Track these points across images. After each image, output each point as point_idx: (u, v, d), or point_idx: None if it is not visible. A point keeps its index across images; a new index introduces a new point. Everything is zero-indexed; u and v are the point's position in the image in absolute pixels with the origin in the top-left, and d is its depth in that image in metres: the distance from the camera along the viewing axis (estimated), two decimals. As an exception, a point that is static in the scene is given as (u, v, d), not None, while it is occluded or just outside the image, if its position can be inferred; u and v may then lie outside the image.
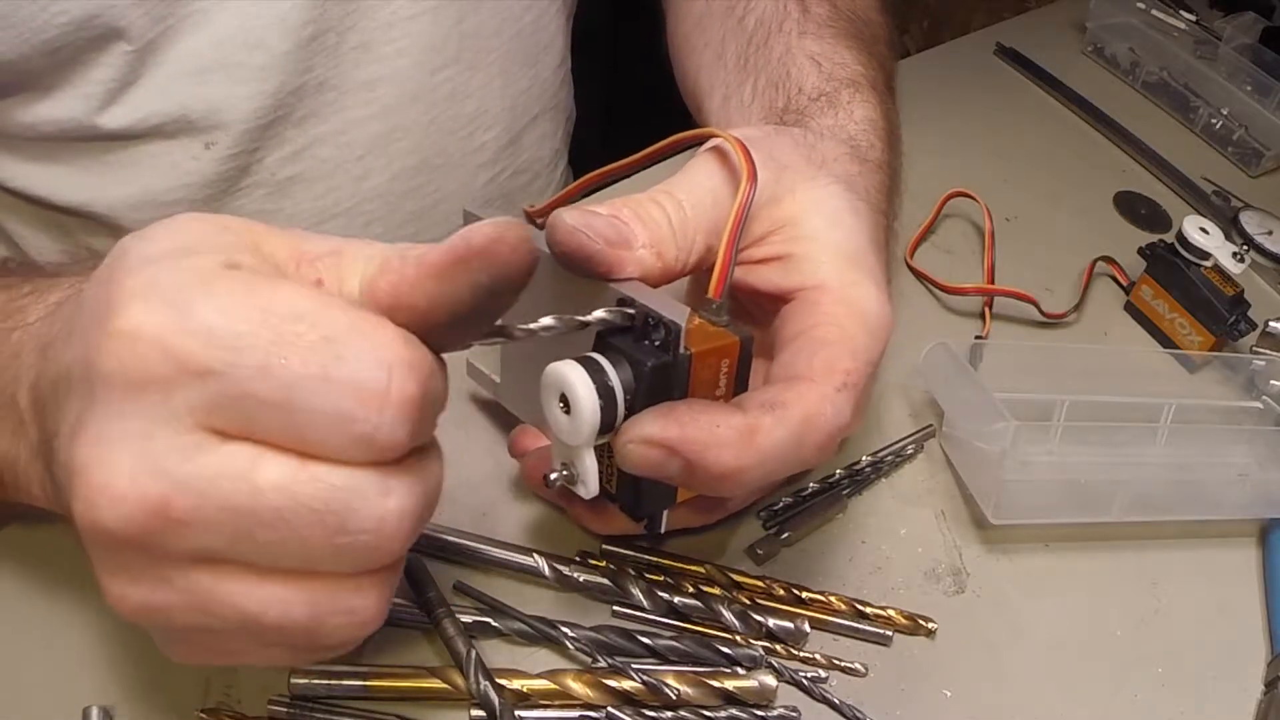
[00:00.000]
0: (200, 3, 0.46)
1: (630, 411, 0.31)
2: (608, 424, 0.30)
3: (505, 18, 0.57)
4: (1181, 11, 0.79)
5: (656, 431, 0.30)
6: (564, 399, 0.30)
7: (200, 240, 0.25)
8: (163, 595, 0.25)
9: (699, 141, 0.37)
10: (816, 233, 0.36)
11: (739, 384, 0.33)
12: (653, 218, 0.34)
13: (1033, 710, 0.39)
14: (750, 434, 0.31)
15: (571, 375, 0.30)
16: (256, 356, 0.23)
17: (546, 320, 0.29)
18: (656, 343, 0.31)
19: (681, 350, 0.31)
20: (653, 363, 0.30)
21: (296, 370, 0.23)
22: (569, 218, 0.32)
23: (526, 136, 0.62)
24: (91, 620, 0.36)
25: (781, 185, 0.37)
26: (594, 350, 0.31)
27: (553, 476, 0.32)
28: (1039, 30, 0.83)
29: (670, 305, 0.31)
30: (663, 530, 0.36)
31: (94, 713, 0.33)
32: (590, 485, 0.32)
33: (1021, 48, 0.79)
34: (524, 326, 0.29)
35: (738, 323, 0.33)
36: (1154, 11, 0.78)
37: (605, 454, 0.32)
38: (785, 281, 0.36)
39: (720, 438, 0.30)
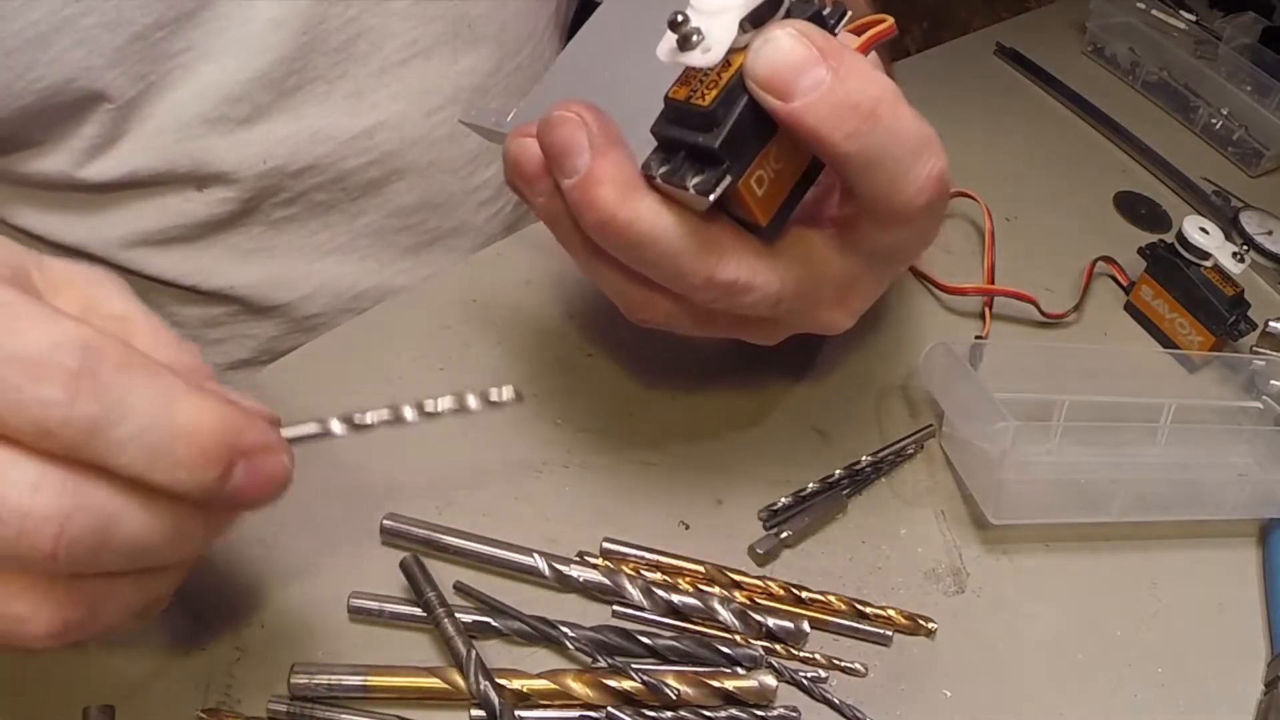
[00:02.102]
0: (180, 58, 0.45)
1: None
2: (766, 10, 0.29)
3: (502, 54, 0.56)
4: (1181, 11, 0.79)
5: (816, 33, 0.29)
6: None
7: None
8: None
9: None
10: None
11: None
12: None
13: (1033, 710, 0.39)
14: (896, 95, 0.30)
15: None
16: None
17: None
18: (823, 9, 0.31)
19: (838, 29, 0.31)
20: (822, 10, 0.30)
21: None
22: None
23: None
24: (91, 620, 0.36)
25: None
26: None
27: (668, 42, 0.29)
28: (1039, 30, 0.83)
29: None
30: (715, 195, 0.30)
31: (94, 713, 0.33)
32: (716, 50, 0.29)
33: (1021, 48, 0.79)
34: None
35: None
36: (1154, 11, 0.78)
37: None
38: None
39: (870, 74, 0.30)
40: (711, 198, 0.30)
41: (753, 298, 0.34)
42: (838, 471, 0.45)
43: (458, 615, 0.36)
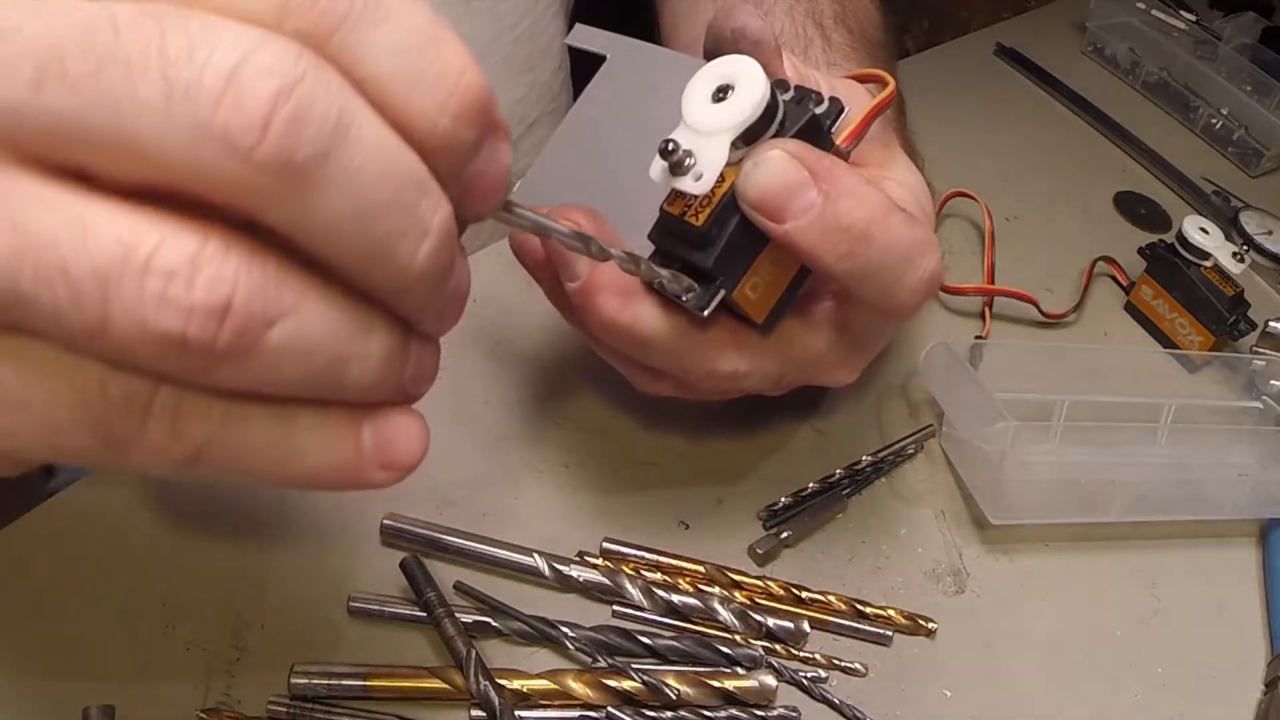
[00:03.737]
0: None
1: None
2: (760, 127, 0.30)
3: (500, 25, 0.57)
4: (1181, 11, 0.79)
5: (808, 153, 0.30)
6: (723, 89, 0.29)
7: None
8: None
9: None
10: (910, 186, 0.38)
11: None
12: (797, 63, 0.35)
13: (1033, 710, 0.39)
14: (887, 210, 0.31)
15: (750, 65, 0.29)
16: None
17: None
18: (817, 110, 0.31)
19: (835, 128, 0.32)
20: (816, 111, 0.31)
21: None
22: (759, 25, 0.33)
23: (525, 142, 0.62)
24: (91, 620, 0.36)
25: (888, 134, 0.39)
26: None
27: (659, 166, 0.29)
28: (1039, 30, 0.83)
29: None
30: (709, 311, 0.31)
31: (94, 713, 0.33)
32: (707, 178, 0.29)
33: (1021, 48, 0.79)
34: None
35: None
36: (1154, 11, 0.78)
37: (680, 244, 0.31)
38: None
39: (863, 193, 0.30)
40: (706, 313, 0.31)
41: (752, 381, 0.36)
42: (838, 471, 0.45)
43: (458, 615, 0.36)
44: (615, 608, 0.39)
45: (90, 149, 0.18)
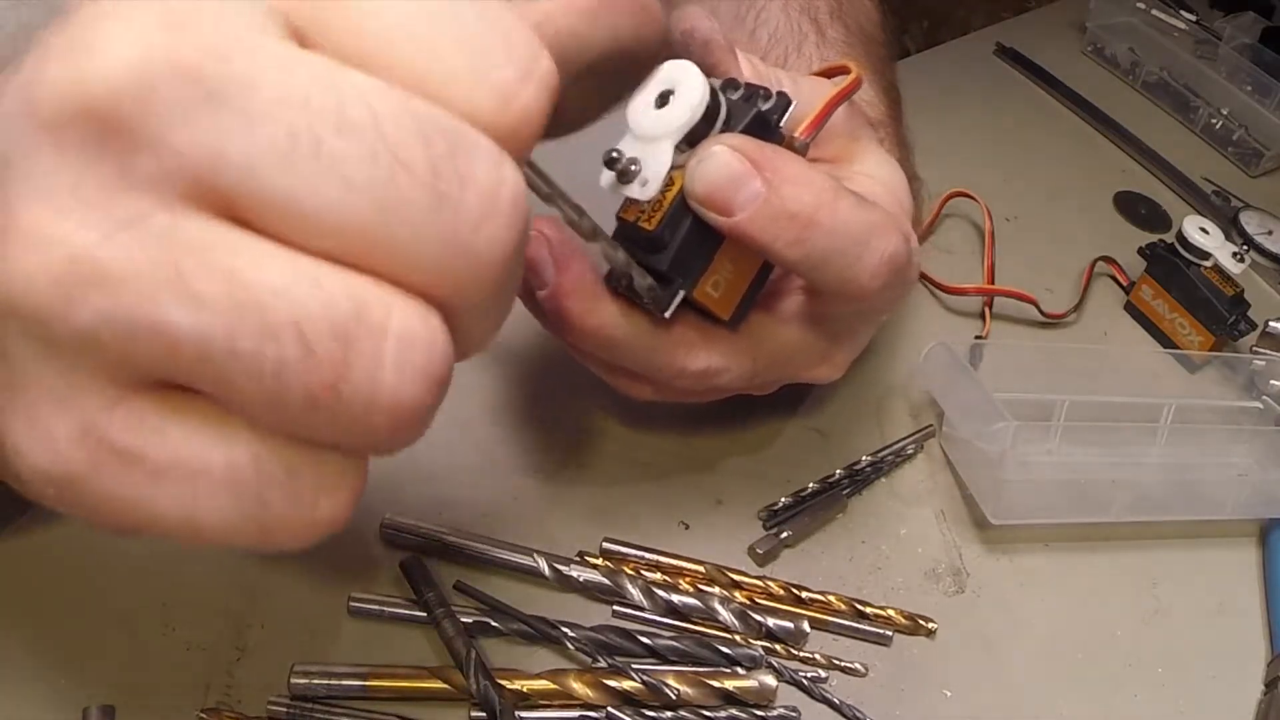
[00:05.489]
0: None
1: None
2: (702, 128, 0.30)
3: None
4: (1181, 11, 0.79)
5: (750, 145, 0.30)
6: (665, 95, 0.30)
7: None
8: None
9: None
10: (881, 179, 0.38)
11: None
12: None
13: (1033, 710, 0.39)
14: (835, 194, 0.31)
15: (688, 69, 0.29)
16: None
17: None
18: (763, 106, 0.32)
19: (783, 121, 0.32)
20: (762, 107, 0.31)
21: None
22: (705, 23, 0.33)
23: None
24: (91, 620, 0.36)
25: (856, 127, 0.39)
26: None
27: (607, 177, 0.30)
28: (1039, 30, 0.83)
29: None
30: (669, 312, 0.32)
31: (94, 713, 0.33)
32: (653, 184, 0.30)
33: (1021, 48, 0.79)
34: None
35: None
36: (1154, 11, 0.78)
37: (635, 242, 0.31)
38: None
39: (807, 179, 0.31)
40: (668, 313, 0.32)
41: (727, 378, 0.36)
42: (838, 471, 0.45)
43: (458, 615, 0.36)
44: (615, 608, 0.39)
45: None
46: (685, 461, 0.44)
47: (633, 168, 0.30)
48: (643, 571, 0.40)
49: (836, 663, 0.38)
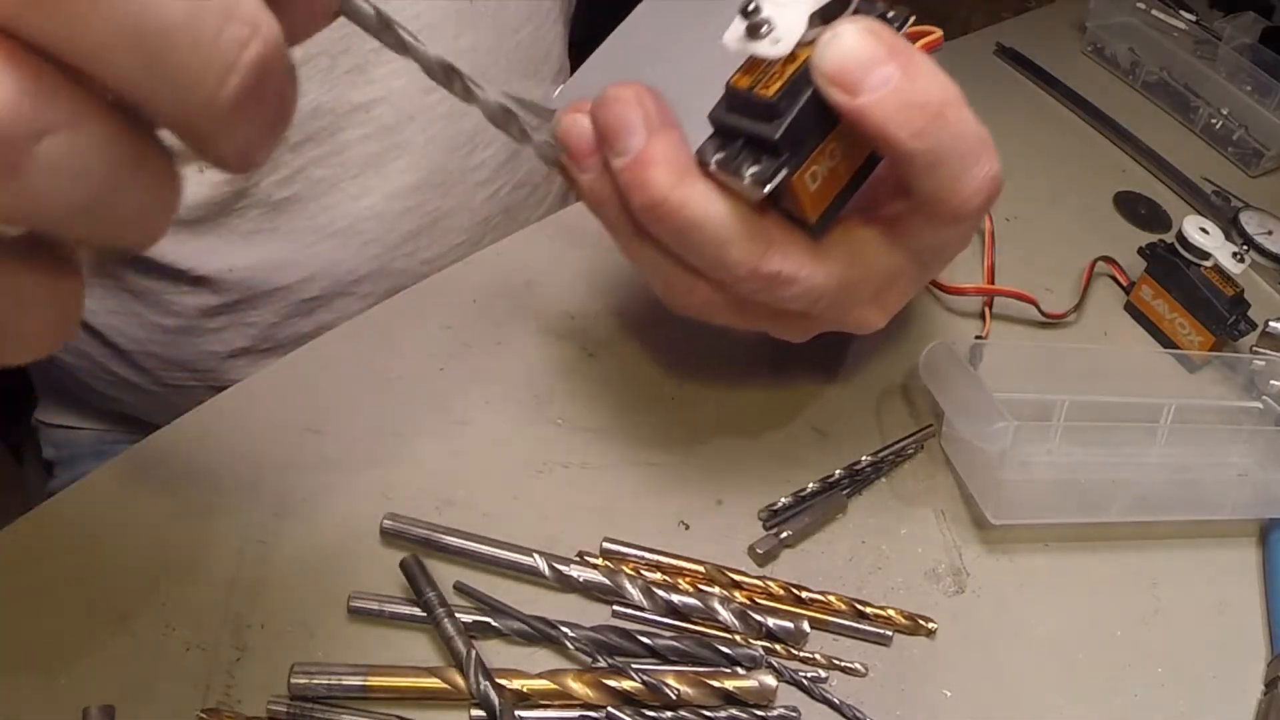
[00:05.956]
0: None
1: None
2: (836, 7, 0.30)
3: (502, 32, 0.57)
4: (1181, 11, 0.79)
5: (886, 32, 0.29)
6: None
7: None
8: None
9: None
10: None
11: None
12: None
13: (1033, 710, 0.39)
14: (960, 98, 0.31)
15: None
16: None
17: None
18: (888, 14, 0.31)
19: (902, 31, 0.32)
20: (887, 14, 0.31)
21: None
22: None
23: (526, 149, 0.62)
24: (91, 620, 0.36)
25: None
26: None
27: (737, 29, 0.29)
28: (1039, 30, 0.83)
29: None
30: (769, 188, 0.30)
31: (94, 713, 0.33)
32: (785, 43, 0.29)
33: (1021, 48, 0.79)
34: None
35: None
36: (1154, 11, 0.78)
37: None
38: None
39: (938, 75, 0.30)
40: (767, 189, 0.30)
41: (794, 291, 0.34)
42: (838, 471, 0.45)
43: (458, 615, 0.36)
44: (615, 608, 0.39)
45: None
46: (685, 461, 0.44)
47: (765, 27, 0.29)
48: (643, 571, 0.40)
49: (836, 663, 0.38)
